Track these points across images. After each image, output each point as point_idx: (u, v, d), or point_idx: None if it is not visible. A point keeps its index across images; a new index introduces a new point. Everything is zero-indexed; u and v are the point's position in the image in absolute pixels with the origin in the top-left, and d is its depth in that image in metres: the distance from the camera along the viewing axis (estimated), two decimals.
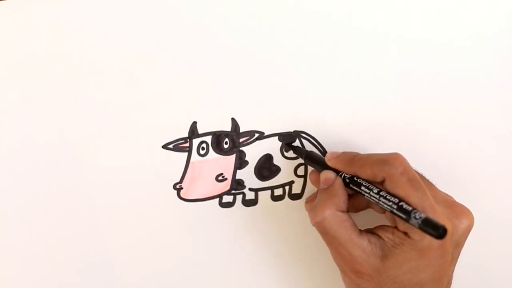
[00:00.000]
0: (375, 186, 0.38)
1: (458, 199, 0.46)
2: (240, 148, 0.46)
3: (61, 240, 0.45)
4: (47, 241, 0.45)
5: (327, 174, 0.41)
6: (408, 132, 0.47)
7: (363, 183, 0.39)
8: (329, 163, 0.42)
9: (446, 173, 0.48)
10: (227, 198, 0.46)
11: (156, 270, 0.46)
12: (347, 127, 0.46)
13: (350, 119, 0.46)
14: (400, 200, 0.36)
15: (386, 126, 0.47)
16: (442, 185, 0.47)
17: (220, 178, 0.46)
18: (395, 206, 0.36)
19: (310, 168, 0.46)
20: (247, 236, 0.47)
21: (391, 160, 0.38)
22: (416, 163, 0.46)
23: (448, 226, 0.34)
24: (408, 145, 0.47)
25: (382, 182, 0.38)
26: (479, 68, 0.47)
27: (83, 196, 0.44)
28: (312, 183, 0.45)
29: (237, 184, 0.46)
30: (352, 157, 0.41)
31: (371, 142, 0.47)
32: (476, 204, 0.48)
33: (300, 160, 0.46)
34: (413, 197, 0.36)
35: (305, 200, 0.45)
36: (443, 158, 0.48)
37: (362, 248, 0.38)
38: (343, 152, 0.42)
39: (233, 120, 0.45)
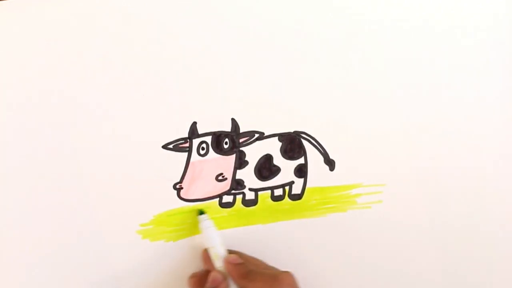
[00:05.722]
0: None
1: (457, 198, 0.47)
2: (240, 148, 0.46)
3: (60, 239, 0.45)
4: (46, 242, 0.44)
5: (216, 275, 0.42)
6: (408, 132, 0.47)
7: None
8: (225, 266, 0.43)
9: (445, 173, 0.48)
10: (227, 198, 0.46)
11: (156, 270, 0.46)
12: (347, 127, 0.46)
13: (350, 119, 0.46)
14: None
15: (386, 125, 0.47)
16: (442, 185, 0.48)
17: (220, 178, 0.46)
18: None
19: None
20: (248, 237, 0.47)
21: (281, 278, 0.40)
22: (416, 162, 0.47)
23: None
24: (407, 144, 0.47)
25: None
26: (480, 68, 0.47)
27: (83, 196, 0.44)
28: (202, 259, 0.45)
29: (237, 184, 0.46)
30: (248, 272, 0.42)
31: (371, 142, 0.47)
32: (475, 203, 0.48)
33: (300, 161, 0.46)
34: None
35: (191, 274, 0.45)
36: (442, 158, 0.48)
37: None
38: (243, 263, 0.42)
39: (233, 120, 0.45)
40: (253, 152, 0.46)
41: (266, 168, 0.46)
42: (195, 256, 0.46)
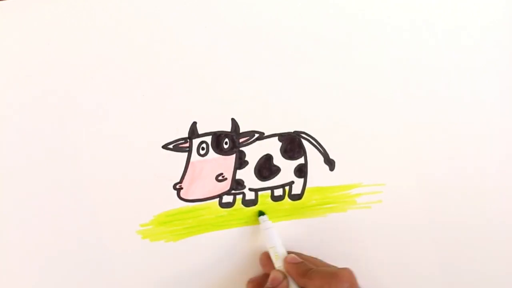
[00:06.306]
0: None
1: (457, 198, 0.46)
2: (240, 148, 0.46)
3: (60, 240, 0.45)
4: (46, 243, 0.44)
5: (276, 274, 0.43)
6: (408, 132, 0.47)
7: None
8: (284, 266, 0.43)
9: (445, 173, 0.48)
10: (227, 198, 0.46)
11: (156, 270, 0.46)
12: (347, 127, 0.46)
13: (350, 119, 0.46)
14: None
15: (386, 125, 0.47)
16: (442, 185, 0.47)
17: (220, 178, 0.46)
18: None
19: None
20: (248, 236, 0.47)
21: (340, 274, 0.40)
22: (416, 162, 0.46)
23: None
24: (407, 144, 0.47)
25: None
26: (480, 68, 0.47)
27: (83, 196, 0.44)
28: (260, 263, 0.46)
29: (237, 184, 0.46)
30: (307, 270, 0.42)
31: (371, 142, 0.47)
32: (475, 203, 0.48)
33: (300, 161, 0.46)
34: None
35: (249, 279, 0.46)
36: (442, 158, 0.48)
37: None
38: (302, 262, 0.43)
39: (233, 120, 0.45)
40: (253, 152, 0.46)
41: (266, 168, 0.46)
42: (195, 256, 0.46)
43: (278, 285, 0.42)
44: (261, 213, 0.46)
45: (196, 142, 0.45)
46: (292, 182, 0.47)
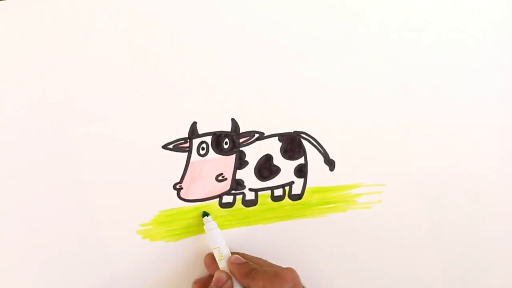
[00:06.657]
0: None
1: (457, 198, 0.46)
2: (240, 148, 0.46)
3: (60, 240, 0.45)
4: (46, 243, 0.44)
5: (220, 275, 0.43)
6: (408, 132, 0.47)
7: None
8: (229, 266, 0.43)
9: (445, 173, 0.48)
10: (227, 198, 0.46)
11: (156, 270, 0.46)
12: (347, 127, 0.46)
13: (350, 119, 0.46)
14: None
15: (386, 125, 0.47)
16: (442, 185, 0.48)
17: (220, 178, 0.46)
18: None
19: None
20: (249, 237, 0.47)
21: (282, 274, 0.40)
22: (416, 162, 0.46)
23: None
24: (407, 144, 0.47)
25: None
26: (480, 68, 0.47)
27: (83, 196, 0.44)
28: (205, 264, 0.45)
29: (237, 184, 0.46)
30: (250, 270, 0.42)
31: (371, 142, 0.47)
32: (475, 203, 0.48)
33: (300, 161, 0.46)
34: None
35: (194, 280, 0.46)
36: (442, 158, 0.48)
37: None
38: (246, 263, 0.43)
39: (233, 120, 0.45)
40: (253, 152, 0.46)
41: (266, 168, 0.46)
42: (195, 256, 0.46)
43: (222, 286, 0.42)
44: (205, 214, 0.46)
45: (196, 142, 0.45)
46: (292, 182, 0.47)
